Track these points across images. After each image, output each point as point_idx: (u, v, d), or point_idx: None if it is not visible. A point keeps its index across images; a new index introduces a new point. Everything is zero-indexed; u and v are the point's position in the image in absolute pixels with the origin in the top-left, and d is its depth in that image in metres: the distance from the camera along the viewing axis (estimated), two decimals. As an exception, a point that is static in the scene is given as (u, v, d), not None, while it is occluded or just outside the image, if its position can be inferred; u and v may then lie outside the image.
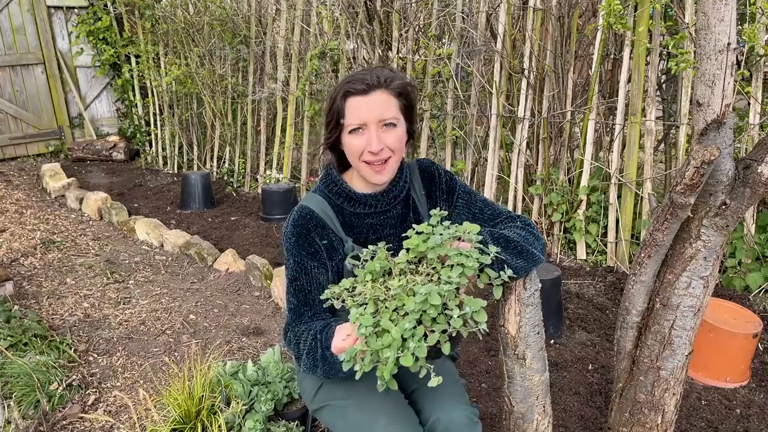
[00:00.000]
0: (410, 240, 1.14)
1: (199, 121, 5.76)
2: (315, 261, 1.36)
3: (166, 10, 5.50)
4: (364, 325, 1.04)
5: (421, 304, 1.02)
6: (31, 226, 4.20)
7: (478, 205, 1.43)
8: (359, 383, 1.35)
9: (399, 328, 1.01)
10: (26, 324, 2.58)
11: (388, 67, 1.35)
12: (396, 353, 1.01)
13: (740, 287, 3.08)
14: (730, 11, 1.24)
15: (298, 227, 1.36)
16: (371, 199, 1.39)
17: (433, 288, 1.03)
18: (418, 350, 1.00)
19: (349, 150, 1.32)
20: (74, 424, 2.10)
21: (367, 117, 1.27)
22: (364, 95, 1.27)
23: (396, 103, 1.30)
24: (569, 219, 3.59)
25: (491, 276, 1.13)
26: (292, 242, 1.36)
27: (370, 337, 1.03)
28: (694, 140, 1.39)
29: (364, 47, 4.21)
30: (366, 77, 1.27)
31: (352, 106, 1.28)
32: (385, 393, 1.29)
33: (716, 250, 1.46)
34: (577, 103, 3.62)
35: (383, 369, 1.02)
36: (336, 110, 1.30)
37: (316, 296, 1.36)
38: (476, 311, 1.04)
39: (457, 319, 1.02)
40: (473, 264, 1.07)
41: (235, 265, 3.50)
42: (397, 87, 1.29)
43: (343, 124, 1.30)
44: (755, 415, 2.17)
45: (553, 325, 2.66)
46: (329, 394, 1.42)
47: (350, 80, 1.29)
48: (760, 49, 2.87)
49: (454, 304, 1.03)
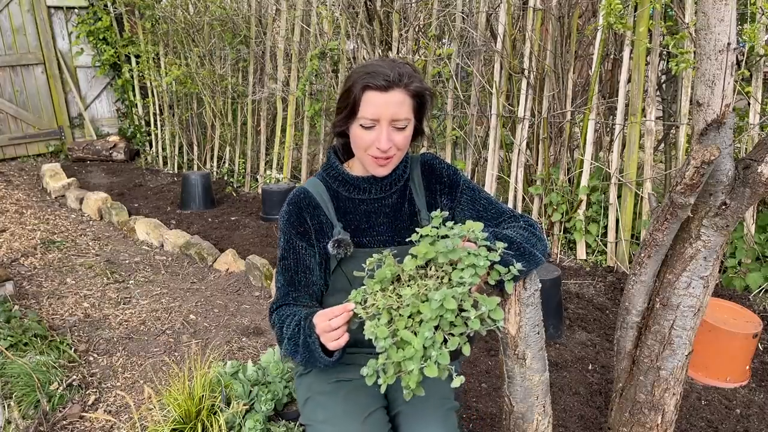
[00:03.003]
0: (418, 248, 1.12)
1: (199, 121, 5.76)
2: (304, 241, 1.38)
3: (166, 10, 5.50)
4: (380, 337, 1.02)
5: (438, 310, 1.01)
6: (31, 226, 4.20)
7: (482, 202, 1.42)
8: (347, 402, 1.35)
9: (420, 338, 0.99)
10: (26, 324, 2.58)
11: (410, 64, 1.33)
12: (419, 364, 0.99)
13: (740, 287, 3.08)
14: (730, 11, 1.24)
15: (291, 206, 1.38)
16: (364, 183, 1.38)
17: (447, 292, 1.01)
18: (441, 357, 0.99)
19: (357, 142, 1.31)
20: (74, 424, 2.10)
21: (382, 114, 1.26)
22: (383, 92, 1.25)
23: (410, 103, 1.29)
24: (569, 219, 3.59)
25: (501, 272, 1.13)
26: (285, 220, 1.38)
27: (391, 349, 1.01)
28: (694, 140, 1.39)
29: (364, 47, 4.21)
30: (388, 73, 1.25)
31: (369, 101, 1.26)
32: (368, 416, 1.30)
33: (716, 250, 1.46)
34: (577, 103, 3.62)
35: (408, 379, 0.99)
36: (353, 100, 1.28)
37: (302, 278, 1.38)
38: (492, 309, 1.03)
39: (474, 320, 1.01)
40: (484, 263, 1.06)
41: (235, 265, 3.50)
42: (415, 89, 1.28)
43: (357, 115, 1.29)
44: (755, 415, 2.17)
45: (553, 325, 2.66)
46: (313, 413, 1.39)
47: (371, 72, 1.26)
48: (760, 49, 2.87)
49: (469, 305, 1.02)
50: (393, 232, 1.38)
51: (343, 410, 1.33)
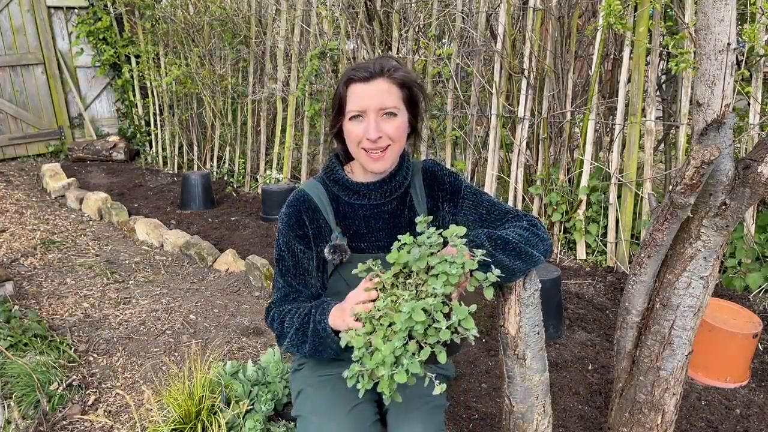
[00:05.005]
0: (391, 254, 1.14)
1: (199, 121, 5.76)
2: (302, 244, 1.38)
3: (166, 11, 5.50)
4: (356, 347, 1.07)
5: (408, 322, 1.03)
6: (31, 226, 4.20)
7: (485, 205, 1.42)
8: (334, 394, 1.36)
9: (389, 347, 1.03)
10: (26, 324, 2.58)
11: (394, 58, 1.35)
12: (390, 370, 1.03)
13: (740, 287, 3.08)
14: (730, 11, 1.24)
15: (290, 208, 1.39)
16: (363, 188, 1.38)
17: (416, 304, 1.04)
18: (412, 366, 1.02)
19: (349, 137, 1.32)
20: (74, 425, 2.10)
21: (367, 104, 1.27)
22: (365, 82, 1.27)
23: (398, 93, 1.30)
24: (569, 219, 3.59)
25: (479, 278, 1.13)
26: (284, 223, 1.39)
27: (365, 357, 1.06)
28: (694, 140, 1.39)
29: (364, 47, 4.21)
30: (369, 65, 1.28)
31: (354, 93, 1.28)
32: (353, 407, 1.32)
33: (716, 250, 1.46)
34: (577, 103, 3.62)
35: (383, 385, 1.04)
36: (339, 97, 1.31)
37: (300, 280, 1.39)
38: (463, 319, 1.04)
39: (445, 330, 1.03)
40: (457, 271, 1.06)
41: (235, 265, 3.50)
42: (400, 77, 1.29)
43: (344, 111, 1.30)
44: (755, 415, 2.17)
45: (553, 325, 2.66)
46: (302, 405, 1.41)
47: (354, 68, 1.30)
48: (760, 49, 2.87)
49: (441, 316, 1.03)
50: (391, 238, 1.38)
51: (329, 401, 1.35)
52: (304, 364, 1.50)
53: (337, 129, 1.36)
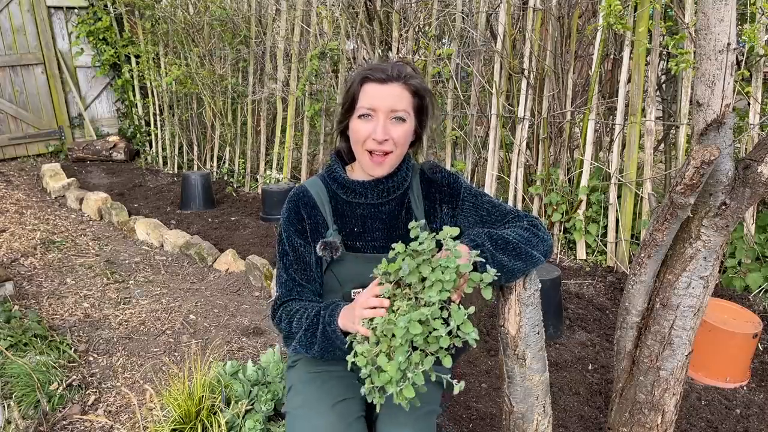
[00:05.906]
0: (380, 266, 1.14)
1: (199, 121, 5.76)
2: (302, 239, 1.39)
3: (166, 11, 5.50)
4: (361, 365, 1.08)
5: (406, 335, 1.04)
6: (31, 226, 4.20)
7: (485, 207, 1.41)
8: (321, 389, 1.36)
9: (393, 366, 1.04)
10: (26, 324, 2.58)
11: (411, 65, 1.36)
12: (397, 387, 1.04)
13: (740, 287, 3.08)
14: (730, 11, 1.25)
15: (290, 203, 1.41)
16: (362, 187, 1.39)
17: (412, 316, 1.04)
18: (416, 378, 1.04)
19: (355, 135, 1.32)
20: (74, 425, 2.10)
21: (380, 104, 1.28)
22: (381, 84, 1.28)
23: (410, 100, 1.31)
24: (569, 219, 3.59)
25: (475, 279, 1.13)
26: (285, 217, 1.41)
27: (373, 374, 1.07)
28: (694, 140, 1.39)
29: (364, 47, 4.21)
30: (386, 68, 1.29)
31: (367, 92, 1.29)
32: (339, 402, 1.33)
33: (716, 250, 1.46)
34: (577, 103, 3.62)
35: (398, 399, 1.05)
36: (352, 93, 1.32)
37: (303, 275, 1.39)
38: (462, 323, 1.04)
39: (445, 337, 1.03)
40: (451, 277, 1.07)
41: (235, 265, 3.50)
42: (415, 85, 1.31)
43: (355, 108, 1.31)
44: (755, 415, 2.17)
45: (553, 325, 2.66)
46: (291, 400, 1.42)
47: (371, 68, 1.31)
48: (760, 49, 2.87)
49: (439, 323, 1.04)
50: (388, 239, 1.37)
51: (317, 396, 1.36)
52: (298, 361, 1.50)
53: (344, 126, 1.37)
